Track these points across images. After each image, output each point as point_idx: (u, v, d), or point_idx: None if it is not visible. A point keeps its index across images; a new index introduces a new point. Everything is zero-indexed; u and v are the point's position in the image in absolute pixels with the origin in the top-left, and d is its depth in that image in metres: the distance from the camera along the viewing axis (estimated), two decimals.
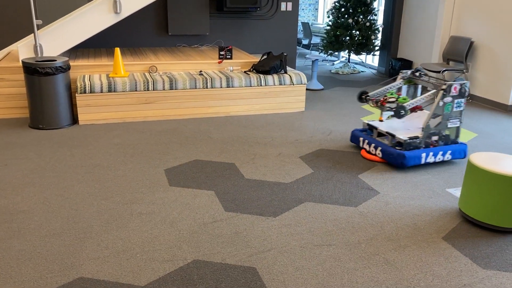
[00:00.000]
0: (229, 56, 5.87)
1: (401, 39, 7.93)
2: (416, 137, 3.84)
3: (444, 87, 3.77)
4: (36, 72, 4.58)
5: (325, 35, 8.92)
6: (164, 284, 2.31)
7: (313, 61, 6.88)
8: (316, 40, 9.98)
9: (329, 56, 10.21)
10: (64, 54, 5.80)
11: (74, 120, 5.02)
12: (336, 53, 9.88)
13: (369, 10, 8.21)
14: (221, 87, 5.31)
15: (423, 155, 3.83)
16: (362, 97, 4.24)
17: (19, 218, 2.93)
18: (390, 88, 4.28)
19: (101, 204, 3.14)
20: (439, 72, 6.19)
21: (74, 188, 3.38)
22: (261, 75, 5.48)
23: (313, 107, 5.88)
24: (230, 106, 5.42)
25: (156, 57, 5.93)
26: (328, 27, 8.72)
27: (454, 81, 3.76)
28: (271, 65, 5.51)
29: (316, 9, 12.11)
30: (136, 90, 5.03)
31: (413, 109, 3.92)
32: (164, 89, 5.13)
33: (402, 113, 3.78)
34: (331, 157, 4.13)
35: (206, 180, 3.58)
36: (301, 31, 11.63)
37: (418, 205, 3.24)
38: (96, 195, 3.28)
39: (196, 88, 5.23)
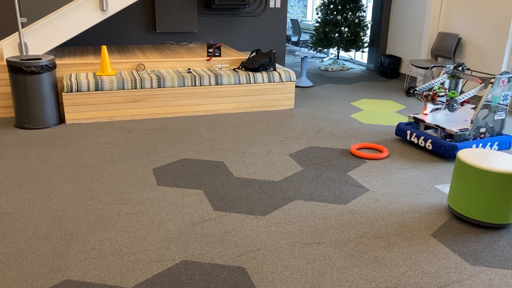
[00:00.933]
0: (218, 54, 5.83)
1: (390, 35, 7.95)
2: (466, 129, 3.99)
3: (492, 80, 3.93)
4: (21, 71, 4.50)
5: (314, 32, 8.91)
6: (152, 286, 2.28)
7: (302, 58, 6.86)
8: (305, 37, 9.96)
9: (318, 53, 10.21)
10: (50, 52, 5.73)
11: (61, 119, 4.96)
12: (325, 50, 9.87)
13: (357, 6, 8.21)
14: (210, 85, 5.27)
15: (474, 146, 4.00)
16: (410, 92, 4.37)
17: (4, 220, 2.88)
18: (436, 82, 4.37)
19: (88, 205, 3.10)
20: (427, 68, 6.21)
21: (60, 189, 3.33)
22: (250, 73, 5.45)
23: (302, 104, 5.87)
24: (219, 104, 5.38)
25: (143, 55, 5.88)
26: (317, 24, 8.71)
27: (501, 74, 3.94)
28: (260, 62, 5.48)
29: (305, 5, 12.10)
30: (123, 89, 4.97)
31: (462, 103, 4.10)
32: (152, 87, 5.08)
33: (455, 107, 3.98)
34: (320, 154, 4.12)
35: (194, 179, 3.55)
36: (290, 28, 11.61)
37: (407, 202, 3.24)
38: (83, 195, 3.23)
39: (184, 86, 5.19)
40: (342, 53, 9.86)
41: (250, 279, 2.36)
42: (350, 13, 8.18)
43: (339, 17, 8.20)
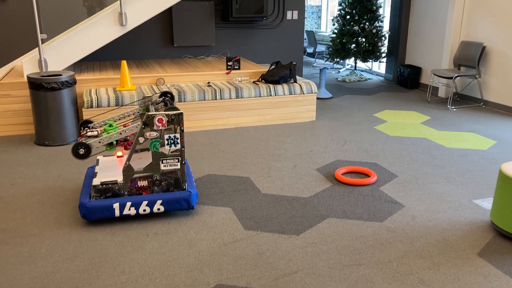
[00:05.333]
0: (237, 67, 5.75)
1: (409, 45, 7.82)
2: (114, 182, 3.00)
3: (144, 118, 2.92)
4: (42, 88, 4.45)
5: (330, 43, 8.82)
6: None
7: (321, 70, 6.76)
8: (321, 48, 9.88)
9: (334, 64, 10.11)
10: (69, 68, 5.69)
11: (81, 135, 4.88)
12: (341, 60, 9.77)
13: (375, 17, 8.11)
14: (230, 98, 5.18)
15: (116, 205, 2.95)
16: (82, 128, 3.29)
17: (29, 242, 2.78)
18: (123, 116, 3.40)
19: (115, 225, 2.99)
20: (451, 78, 6.07)
21: None
22: (271, 85, 5.35)
23: (323, 116, 5.75)
24: (240, 117, 5.28)
25: (162, 69, 5.81)
26: (334, 35, 8.62)
27: (166, 110, 3.07)
28: (281, 74, 5.38)
29: (319, 17, 12.04)
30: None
31: (124, 146, 3.23)
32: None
33: (81, 152, 2.92)
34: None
35: (221, 196, 3.43)
36: (305, 39, 11.55)
37: (446, 219, 3.08)
38: None
39: (205, 99, 5.10)
40: (359, 64, 9.75)
41: None
42: (367, 23, 8.08)
43: (356, 28, 8.10)
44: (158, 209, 3.03)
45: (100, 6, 6.44)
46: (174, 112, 2.95)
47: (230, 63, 5.71)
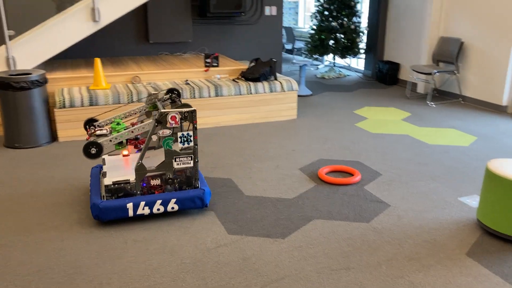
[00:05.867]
0: (216, 64, 5.61)
1: (387, 41, 7.81)
2: (127, 181, 2.91)
3: (157, 116, 2.84)
4: (10, 87, 4.22)
5: (309, 39, 8.75)
6: None
7: (301, 66, 6.68)
8: (299, 44, 9.80)
9: (313, 61, 10.05)
10: (39, 66, 5.44)
11: (53, 137, 4.67)
12: (320, 57, 9.72)
13: (353, 13, 8.07)
14: (209, 97, 5.04)
15: (130, 205, 2.87)
16: (87, 126, 3.22)
17: None
18: (129, 113, 3.30)
19: (90, 232, 2.83)
20: (430, 74, 6.07)
21: (57, 215, 3.05)
22: (251, 83, 5.23)
23: (304, 114, 5.67)
24: (220, 116, 5.15)
25: (138, 67, 5.63)
26: (313, 31, 8.55)
27: (178, 107, 2.96)
28: (261, 72, 5.27)
29: (297, 13, 11.96)
30: (119, 103, 4.72)
31: (134, 144, 3.15)
32: None
33: (93, 152, 2.81)
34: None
35: None
36: (283, 35, 11.45)
37: (433, 218, 3.04)
38: (83, 222, 2.97)
39: (183, 98, 4.94)
40: (338, 60, 9.71)
41: None
42: (345, 19, 8.04)
43: (334, 24, 8.05)
44: (172, 208, 2.96)
45: (70, 1, 6.20)
46: (187, 109, 2.88)
47: (208, 60, 5.57)
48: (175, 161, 2.95)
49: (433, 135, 4.79)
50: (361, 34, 8.10)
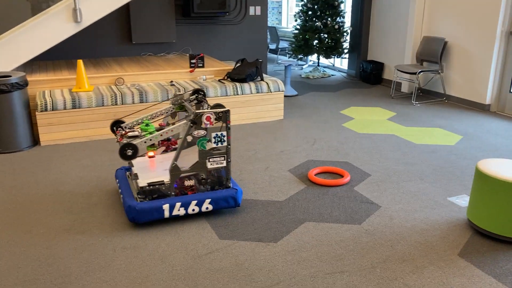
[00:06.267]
0: (201, 65, 5.55)
1: (371, 41, 7.85)
2: (161, 182, 2.89)
3: (192, 117, 2.84)
4: None
5: (293, 39, 8.73)
6: None
7: (286, 67, 6.66)
8: (283, 44, 9.78)
9: (298, 61, 10.05)
10: (19, 68, 5.30)
11: (35, 141, 4.55)
12: (304, 57, 9.72)
13: (336, 12, 8.09)
14: None
15: (166, 207, 2.86)
16: (114, 128, 3.21)
17: None
18: (156, 114, 3.29)
19: (78, 240, 2.75)
20: (414, 73, 6.11)
21: (43, 222, 2.96)
22: (237, 84, 5.19)
23: (291, 114, 5.65)
24: None
25: (121, 68, 5.53)
26: (297, 31, 8.54)
27: (212, 107, 3.00)
28: (247, 72, 5.23)
29: (280, 12, 11.95)
30: (103, 105, 4.62)
31: (167, 146, 3.18)
32: (133, 103, 4.74)
33: (129, 154, 2.79)
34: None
35: None
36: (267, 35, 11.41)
37: (423, 218, 3.04)
38: (70, 228, 2.89)
39: (168, 99, 4.87)
40: (322, 60, 9.72)
41: None
42: (329, 19, 8.05)
43: (318, 24, 8.05)
44: (207, 208, 2.97)
45: (46, 1, 6.05)
46: (222, 109, 2.88)
47: (193, 61, 5.51)
48: (209, 161, 2.94)
49: (419, 135, 4.82)
50: (345, 34, 8.13)
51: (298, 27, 8.42)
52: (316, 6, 8.11)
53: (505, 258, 2.58)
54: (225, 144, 2.95)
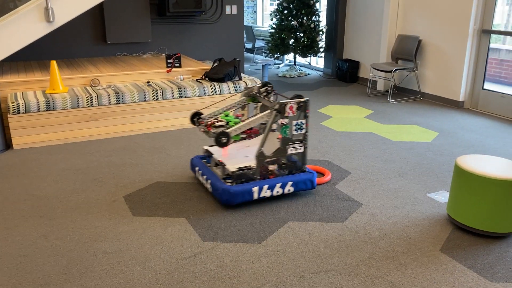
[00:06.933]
0: (178, 64, 5.48)
1: (346, 39, 7.92)
2: (248, 167, 3.15)
3: (276, 106, 3.09)
4: None
5: (269, 38, 8.74)
6: None
7: (263, 66, 6.64)
8: (259, 43, 9.78)
9: (274, 60, 10.06)
10: None
11: (7, 145, 4.41)
12: (281, 56, 9.74)
13: (312, 11, 8.13)
14: (173, 98, 4.91)
15: (255, 189, 3.10)
16: (194, 120, 3.45)
17: None
18: (230, 107, 3.55)
19: (56, 246, 2.67)
20: (390, 71, 6.19)
21: (19, 229, 2.87)
22: (215, 83, 5.15)
23: None
24: (185, 118, 5.04)
25: (96, 69, 5.41)
26: (273, 30, 8.54)
27: (292, 98, 3.20)
28: (225, 72, 5.20)
29: (255, 11, 11.94)
30: (78, 107, 4.51)
31: (249, 134, 3.38)
32: (110, 104, 4.65)
33: (224, 141, 3.04)
34: None
35: (173, 206, 3.20)
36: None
37: (405, 215, 3.08)
38: (48, 234, 2.80)
39: (145, 100, 4.80)
40: (298, 59, 9.76)
41: None
42: (305, 18, 8.08)
43: (294, 23, 8.07)
44: (289, 190, 3.23)
45: (13, 0, 5.87)
46: (302, 99, 3.15)
47: (170, 61, 5.44)
48: (289, 147, 3.19)
49: (397, 132, 4.89)
50: (320, 33, 8.17)
51: (274, 26, 8.43)
52: (291, 5, 8.13)
53: (485, 252, 2.63)
54: (303, 131, 3.21)
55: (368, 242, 2.74)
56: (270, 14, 8.50)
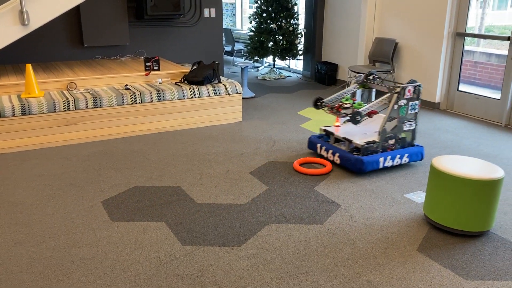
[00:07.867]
0: (157, 67, 5.45)
1: (325, 42, 7.99)
2: (373, 142, 3.76)
3: (398, 90, 3.71)
4: None
5: (248, 41, 8.75)
6: None
7: (242, 69, 6.66)
8: (238, 46, 9.79)
9: (254, 62, 10.08)
10: None
11: None
12: (260, 59, 9.77)
13: (290, 14, 8.18)
14: (152, 101, 4.88)
15: (381, 159, 3.76)
16: (318, 104, 4.14)
17: None
18: (345, 93, 4.21)
19: (33, 253, 2.63)
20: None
21: None
22: (194, 86, 5.13)
23: (249, 116, 5.65)
24: (163, 121, 5.01)
25: (73, 72, 5.34)
26: (252, 33, 8.56)
27: (408, 83, 3.77)
28: (204, 75, 5.19)
29: (234, 14, 11.95)
30: (55, 111, 4.44)
31: (369, 114, 3.87)
32: (87, 108, 4.59)
33: (358, 119, 3.70)
34: (282, 170, 3.92)
35: (152, 210, 3.18)
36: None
37: (382, 215, 3.12)
38: (24, 241, 2.75)
39: (123, 104, 4.75)
40: (277, 61, 9.80)
41: None
42: (283, 21, 8.12)
43: (273, 26, 8.11)
44: (405, 160, 3.89)
45: None
46: (417, 83, 3.76)
47: (148, 64, 5.40)
48: (405, 124, 3.81)
49: None
50: (299, 35, 8.23)
51: (253, 29, 8.45)
52: (270, 8, 8.17)
53: (461, 251, 2.68)
54: (416, 111, 3.83)
55: (347, 243, 2.77)
56: (249, 17, 8.52)
